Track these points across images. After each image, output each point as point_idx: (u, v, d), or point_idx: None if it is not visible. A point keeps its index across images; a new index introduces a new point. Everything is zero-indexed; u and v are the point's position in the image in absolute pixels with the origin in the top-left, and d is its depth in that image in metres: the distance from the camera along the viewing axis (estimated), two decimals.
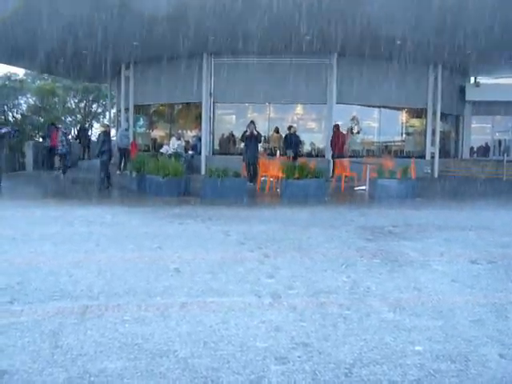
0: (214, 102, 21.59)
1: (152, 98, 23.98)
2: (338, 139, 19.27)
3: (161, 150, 20.16)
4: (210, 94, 21.34)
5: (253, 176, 16.14)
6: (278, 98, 21.16)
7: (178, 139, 20.45)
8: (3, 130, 16.39)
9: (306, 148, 22.03)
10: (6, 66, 33.24)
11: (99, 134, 16.01)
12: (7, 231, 8.75)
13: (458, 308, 5.16)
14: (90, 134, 32.28)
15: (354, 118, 22.69)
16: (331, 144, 19.58)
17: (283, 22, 15.56)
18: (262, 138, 18.32)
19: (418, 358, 4.01)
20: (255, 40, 17.56)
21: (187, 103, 23.27)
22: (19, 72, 41.60)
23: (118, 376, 3.64)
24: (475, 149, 28.48)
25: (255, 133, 16.27)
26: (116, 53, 21.31)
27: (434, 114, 23.11)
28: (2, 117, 33.86)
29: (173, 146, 19.93)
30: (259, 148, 17.55)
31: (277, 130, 21.20)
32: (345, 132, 20.34)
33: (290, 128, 19.18)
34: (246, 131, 16.32)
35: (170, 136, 22.61)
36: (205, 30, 16.84)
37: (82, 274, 6.15)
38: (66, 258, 6.98)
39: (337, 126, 19.58)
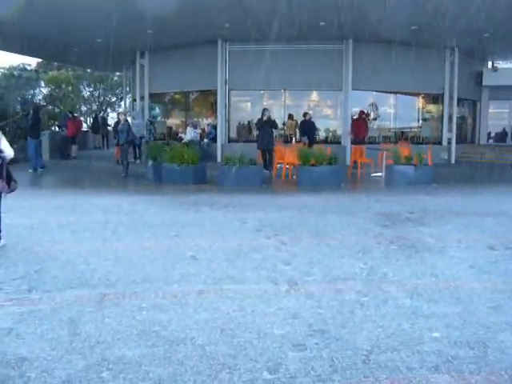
0: (229, 90, 21.51)
1: (167, 86, 23.92)
2: (359, 125, 19.20)
3: (181, 136, 20.26)
4: (225, 81, 21.26)
5: (268, 163, 16.11)
6: (293, 84, 21.02)
7: (194, 127, 20.41)
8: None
9: (322, 134, 21.89)
10: (20, 56, 33.31)
11: (121, 123, 16.09)
12: (25, 220, 8.82)
13: (475, 294, 5.13)
14: (108, 123, 32.31)
15: (372, 104, 22.52)
16: (352, 130, 19.52)
17: (298, 7, 15.43)
18: (278, 125, 18.23)
19: (436, 344, 3.99)
20: (270, 26, 17.44)
21: (202, 91, 23.24)
22: (33, 62, 41.71)
23: (135, 363, 3.67)
24: (492, 134, 28.15)
25: (272, 119, 16.29)
26: (130, 41, 21.30)
27: (451, 99, 22.82)
28: (19, 107, 34.02)
29: (190, 134, 19.92)
30: (274, 135, 17.52)
31: (291, 117, 21.10)
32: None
33: (305, 114, 19.11)
34: (262, 118, 16.28)
35: (185, 124, 22.55)
36: (219, 16, 16.77)
37: (100, 262, 6.19)
38: (84, 246, 7.04)
39: (362, 112, 19.52)
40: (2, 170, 6.79)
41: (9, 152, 6.98)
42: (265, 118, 16.19)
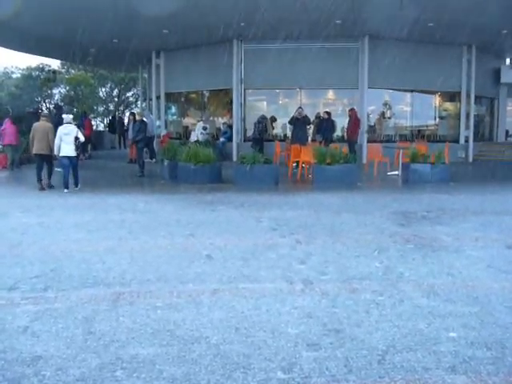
0: (244, 89, 21.49)
1: (183, 86, 23.96)
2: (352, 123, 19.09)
3: (190, 139, 20.33)
4: (241, 80, 21.23)
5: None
6: (308, 83, 20.96)
7: (204, 129, 20.40)
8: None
9: (338, 134, 21.77)
10: (39, 57, 33.51)
11: (136, 122, 16.22)
12: (42, 219, 8.88)
13: (493, 294, 5.07)
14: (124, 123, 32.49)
15: (386, 103, 22.41)
16: (347, 128, 19.46)
17: (313, 6, 15.38)
18: (310, 120, 18.29)
19: (453, 344, 3.95)
20: (285, 25, 17.43)
21: (218, 90, 23.24)
22: (53, 63, 41.92)
23: (150, 362, 3.67)
24: (511, 132, 27.87)
25: (303, 115, 16.47)
26: (146, 41, 21.35)
27: (468, 96, 22.61)
28: (36, 107, 34.32)
29: (198, 132, 19.95)
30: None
31: (318, 116, 21.00)
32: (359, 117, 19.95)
33: (328, 114, 19.03)
34: (295, 116, 16.44)
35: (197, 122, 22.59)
36: (235, 15, 16.76)
37: (115, 261, 6.21)
38: (99, 245, 7.06)
39: (352, 110, 19.35)
40: (79, 148, 12.68)
41: (82, 138, 12.35)
42: (296, 115, 16.35)
